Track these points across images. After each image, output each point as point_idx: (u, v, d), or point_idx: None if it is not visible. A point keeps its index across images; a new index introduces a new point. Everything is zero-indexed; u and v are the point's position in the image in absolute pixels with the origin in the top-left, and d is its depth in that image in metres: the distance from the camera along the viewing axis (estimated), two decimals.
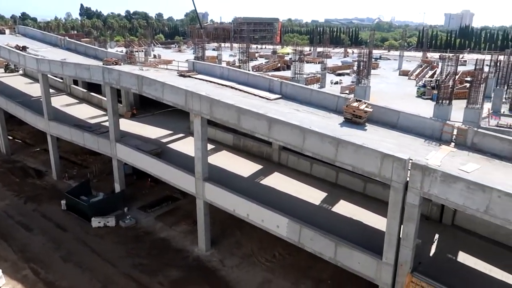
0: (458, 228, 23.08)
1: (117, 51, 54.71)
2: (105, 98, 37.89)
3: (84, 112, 44.49)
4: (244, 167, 30.58)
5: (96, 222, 30.60)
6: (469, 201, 15.20)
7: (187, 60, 42.01)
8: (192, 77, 34.62)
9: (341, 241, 19.95)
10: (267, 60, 72.76)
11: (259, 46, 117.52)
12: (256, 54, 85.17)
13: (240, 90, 30.63)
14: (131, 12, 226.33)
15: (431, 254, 20.79)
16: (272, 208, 22.59)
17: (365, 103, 25.66)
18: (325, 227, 21.29)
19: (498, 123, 28.98)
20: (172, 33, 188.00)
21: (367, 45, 76.80)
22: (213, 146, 34.23)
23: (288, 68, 57.48)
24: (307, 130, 19.67)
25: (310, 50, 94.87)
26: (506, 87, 39.57)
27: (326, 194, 26.72)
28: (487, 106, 33.22)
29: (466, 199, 15.25)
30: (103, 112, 43.00)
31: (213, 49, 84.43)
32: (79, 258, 26.94)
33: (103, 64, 35.08)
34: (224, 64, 55.18)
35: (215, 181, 25.78)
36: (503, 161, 20.10)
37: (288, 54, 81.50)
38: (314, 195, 26.30)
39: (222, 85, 32.16)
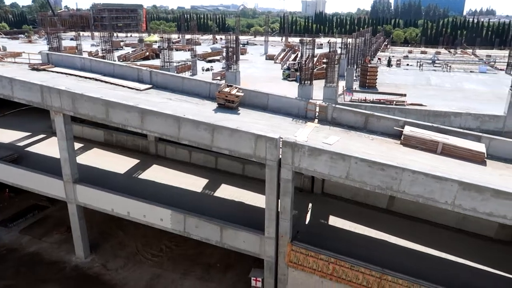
0: (327, 195, 25.69)
1: None
2: None
3: None
4: (119, 163, 28.90)
5: None
6: (333, 170, 16.98)
7: (40, 52, 37.43)
8: (48, 71, 31.07)
9: (226, 224, 20.48)
10: (134, 49, 69.15)
11: (123, 35, 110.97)
12: (122, 43, 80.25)
13: (106, 82, 28.62)
14: None
15: (306, 222, 22.77)
16: (153, 202, 21.93)
17: (236, 88, 26.42)
18: (210, 213, 21.58)
19: (352, 98, 32.74)
20: (19, 21, 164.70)
21: (234, 31, 78.83)
22: (82, 145, 31.54)
23: (157, 56, 55.67)
24: (182, 119, 19.44)
25: (178, 38, 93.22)
26: (355, 66, 44.85)
27: (208, 180, 26.98)
28: (342, 84, 37.19)
29: (331, 168, 17.00)
30: None
31: (71, 39, 76.94)
32: None
33: None
34: (85, 55, 50.80)
35: (87, 182, 23.85)
36: (357, 132, 22.89)
37: (156, 42, 78.72)
38: (196, 183, 26.32)
39: (85, 77, 29.61)
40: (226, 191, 25.46)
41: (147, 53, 60.83)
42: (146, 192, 23.93)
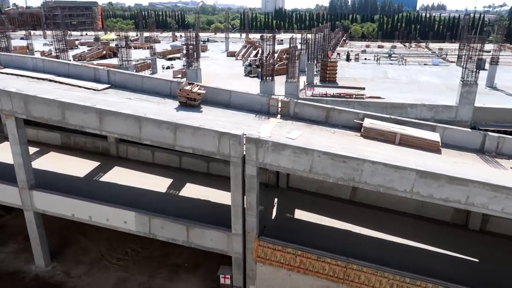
0: (293, 189, 25.98)
1: None
2: None
3: None
4: (79, 167, 27.84)
5: None
6: (297, 164, 17.20)
7: None
8: None
9: (192, 223, 20.28)
10: (90, 48, 67.02)
11: (78, 33, 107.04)
12: (77, 42, 77.58)
13: (61, 83, 27.53)
14: None
15: (273, 217, 22.96)
16: (116, 205, 21.33)
17: (197, 85, 26.18)
18: (176, 213, 21.28)
19: (313, 93, 33.32)
20: None
21: (194, 28, 77.93)
22: (38, 149, 30.14)
23: (115, 55, 54.25)
24: (143, 118, 19.01)
25: (136, 35, 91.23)
26: (315, 62, 45.60)
27: (172, 179, 26.58)
28: (303, 79, 37.74)
29: (294, 163, 17.21)
30: None
31: (22, 38, 73.46)
32: None
33: None
34: (37, 55, 48.61)
35: (45, 188, 22.83)
36: (319, 126, 23.32)
37: (113, 40, 76.69)
38: (160, 183, 25.84)
39: (38, 78, 28.33)
40: (192, 190, 25.19)
41: (104, 52, 59.14)
42: (108, 195, 23.25)
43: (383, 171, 16.11)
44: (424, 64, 56.40)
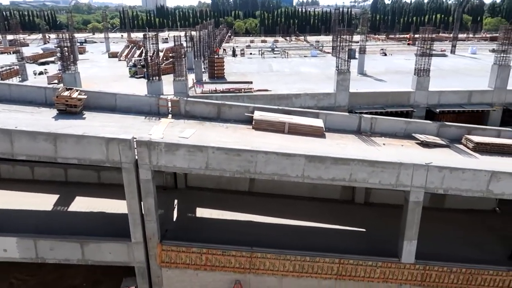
0: (192, 188, 25.75)
1: None
2: None
3: None
4: None
5: None
6: (193, 163, 17.06)
7: None
8: None
9: (86, 238, 18.87)
10: None
11: None
12: None
13: None
14: None
15: (174, 219, 22.49)
16: None
17: (77, 90, 24.26)
18: (67, 231, 19.56)
19: (203, 90, 33.22)
20: None
21: (68, 29, 71.83)
22: None
23: None
24: (14, 131, 16.97)
25: None
26: (203, 59, 45.54)
27: (59, 195, 24.24)
28: (191, 77, 37.42)
29: (190, 161, 17.04)
30: None
31: None
32: None
33: None
34: None
35: None
36: (212, 122, 23.45)
37: None
38: (44, 201, 23.37)
39: None
40: (83, 203, 23.29)
41: None
42: None
43: (276, 159, 16.87)
44: (304, 56, 60.34)
